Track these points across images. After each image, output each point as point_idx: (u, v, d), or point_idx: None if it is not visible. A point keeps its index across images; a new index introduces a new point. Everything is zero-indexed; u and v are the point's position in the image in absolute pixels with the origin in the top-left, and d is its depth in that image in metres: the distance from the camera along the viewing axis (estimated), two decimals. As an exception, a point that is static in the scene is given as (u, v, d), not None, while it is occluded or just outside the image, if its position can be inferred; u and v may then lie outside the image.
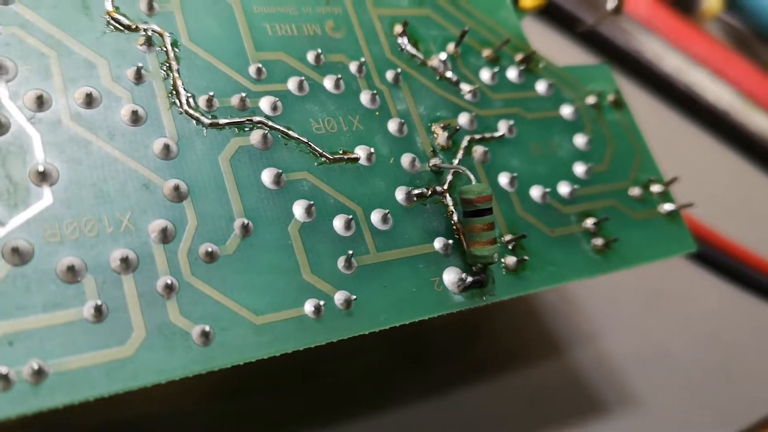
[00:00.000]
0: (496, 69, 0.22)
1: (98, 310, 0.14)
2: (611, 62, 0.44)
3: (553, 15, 0.43)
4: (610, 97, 0.24)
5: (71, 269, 0.14)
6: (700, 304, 0.34)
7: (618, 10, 0.26)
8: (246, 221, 0.16)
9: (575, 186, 0.21)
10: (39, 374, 0.13)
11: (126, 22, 0.17)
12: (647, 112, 0.42)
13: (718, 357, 0.32)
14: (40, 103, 0.15)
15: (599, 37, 0.44)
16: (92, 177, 0.15)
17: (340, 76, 0.19)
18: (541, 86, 0.23)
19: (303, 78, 0.19)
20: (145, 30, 0.17)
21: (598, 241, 0.21)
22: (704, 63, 0.45)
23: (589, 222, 0.21)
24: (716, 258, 0.35)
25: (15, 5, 0.16)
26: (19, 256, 0.14)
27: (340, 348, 0.18)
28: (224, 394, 0.21)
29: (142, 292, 0.15)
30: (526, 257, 0.19)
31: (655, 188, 0.23)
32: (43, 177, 0.15)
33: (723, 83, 0.45)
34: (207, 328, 0.15)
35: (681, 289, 0.35)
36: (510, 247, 0.19)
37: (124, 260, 0.15)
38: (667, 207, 0.23)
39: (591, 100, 0.24)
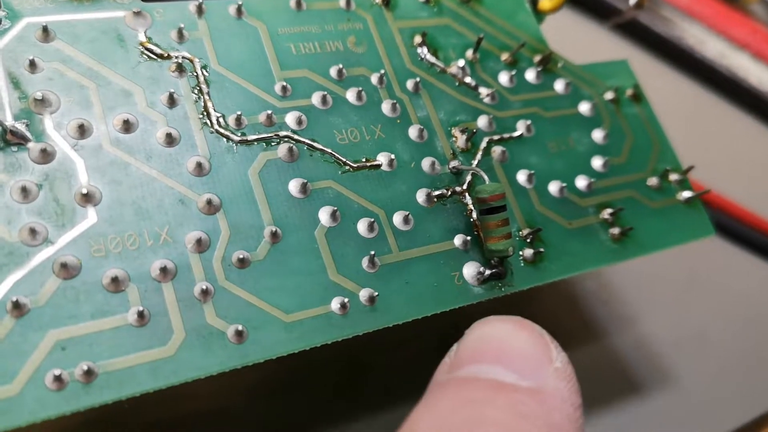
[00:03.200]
0: (514, 72, 0.22)
1: (141, 315, 0.15)
2: (652, 51, 0.44)
3: (590, 6, 0.43)
4: (629, 92, 0.24)
5: (115, 280, 0.15)
6: (739, 286, 0.34)
7: (640, 5, 0.26)
8: (275, 229, 0.17)
9: (592, 179, 0.21)
10: (89, 374, 0.14)
11: (158, 51, 0.18)
12: (690, 98, 0.42)
13: (755, 338, 0.32)
14: (82, 131, 0.16)
15: (639, 27, 0.44)
16: (132, 196, 0.16)
17: (361, 88, 0.20)
18: (559, 85, 0.23)
19: (326, 92, 0.19)
20: (176, 57, 0.18)
21: (615, 231, 0.21)
22: (747, 47, 0.44)
23: (606, 213, 0.21)
24: (757, 239, 0.35)
25: (55, 42, 0.17)
26: (68, 271, 0.15)
27: (380, 342, 0.19)
28: (269, 390, 0.22)
29: (180, 298, 0.16)
30: (542, 249, 0.19)
31: (674, 177, 0.23)
32: (87, 198, 0.16)
33: (766, 66, 0.44)
34: (240, 328, 0.16)
35: (720, 270, 0.34)
36: (528, 240, 0.20)
37: (164, 270, 0.16)
38: (686, 194, 0.23)
39: (609, 95, 0.24)
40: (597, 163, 0.22)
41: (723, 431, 0.29)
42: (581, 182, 0.21)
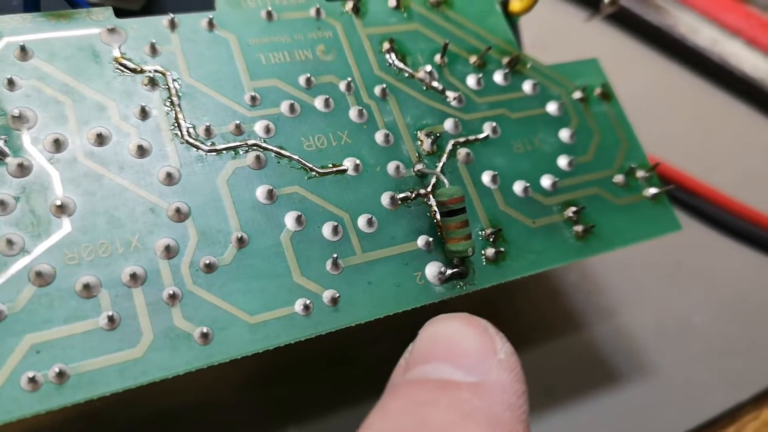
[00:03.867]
0: (482, 74, 0.23)
1: (111, 319, 0.16)
2: (643, 39, 0.44)
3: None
4: (598, 90, 0.25)
5: (87, 286, 0.16)
6: (723, 273, 0.34)
7: (614, 2, 0.27)
8: (241, 234, 0.18)
9: (557, 178, 0.22)
10: (61, 376, 0.15)
11: (131, 65, 0.19)
12: (682, 86, 0.42)
13: (741, 325, 0.32)
14: (58, 145, 0.17)
15: (630, 15, 0.44)
16: (105, 206, 0.17)
17: (329, 95, 0.21)
18: (527, 86, 0.24)
19: (294, 101, 0.20)
20: (149, 71, 0.19)
21: (579, 228, 0.22)
22: (740, 33, 0.45)
23: (570, 211, 0.22)
24: (742, 227, 0.35)
25: (33, 60, 0.18)
26: (43, 279, 0.16)
27: (363, 336, 0.20)
28: (256, 382, 0.23)
29: (149, 302, 0.17)
30: (502, 249, 0.20)
31: (640, 173, 0.24)
32: (62, 209, 0.17)
33: (759, 52, 0.44)
34: (206, 330, 0.17)
35: (704, 258, 0.34)
36: (490, 240, 0.21)
37: (134, 276, 0.17)
38: (652, 191, 0.24)
39: (577, 94, 0.24)
40: (563, 162, 0.23)
41: (703, 419, 0.29)
42: (546, 181, 0.22)
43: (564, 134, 0.23)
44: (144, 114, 0.18)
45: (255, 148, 0.19)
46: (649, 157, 0.24)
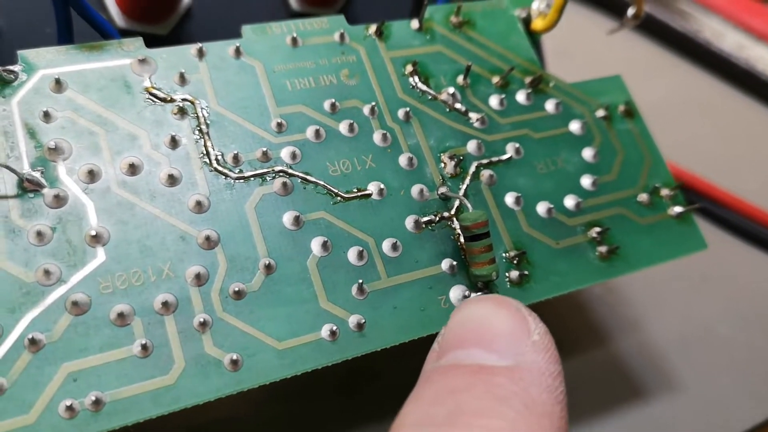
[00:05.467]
0: (504, 95, 0.23)
1: (145, 347, 0.17)
2: (668, 45, 0.44)
3: (607, 5, 0.44)
4: (622, 108, 0.25)
5: (121, 315, 0.17)
6: (748, 283, 0.34)
7: (637, 15, 0.27)
8: (269, 261, 0.18)
9: (581, 199, 0.22)
10: (97, 403, 0.16)
11: (161, 95, 0.19)
12: (708, 92, 0.42)
13: (764, 340, 0.32)
14: (92, 175, 0.18)
15: (655, 22, 0.44)
16: (137, 234, 0.18)
17: (353, 120, 0.21)
18: (550, 105, 0.24)
19: (320, 126, 0.21)
20: (178, 100, 0.20)
21: (603, 249, 0.22)
22: (766, 38, 0.44)
23: (594, 231, 0.22)
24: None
25: (68, 91, 0.19)
26: (79, 308, 0.16)
27: (386, 352, 0.20)
28: (277, 398, 0.24)
29: (181, 329, 0.17)
30: (526, 272, 0.21)
31: (665, 192, 0.24)
32: (97, 239, 0.17)
33: (787, 57, 0.44)
34: (235, 356, 0.17)
35: (730, 269, 0.34)
36: (514, 262, 0.21)
37: (165, 304, 0.17)
38: (677, 209, 0.24)
39: (601, 113, 0.25)
40: (586, 181, 0.23)
41: (730, 434, 0.29)
42: (570, 202, 0.22)
43: (587, 153, 0.23)
44: (174, 143, 0.19)
45: (281, 174, 0.19)
46: (674, 165, 0.24)
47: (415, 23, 0.23)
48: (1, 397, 0.15)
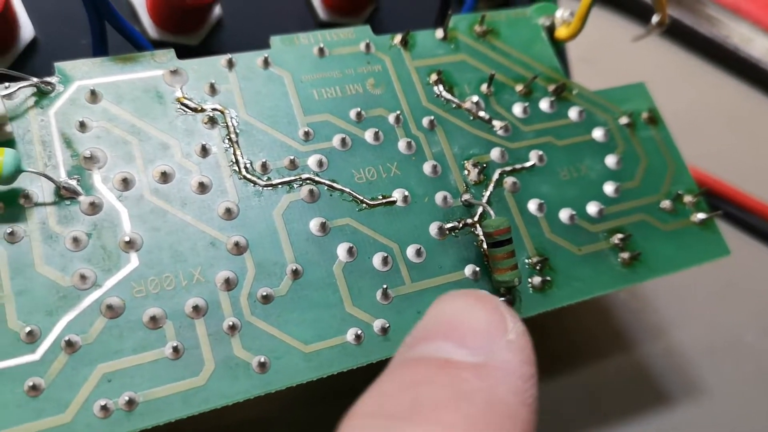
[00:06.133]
0: (528, 103, 0.24)
1: (176, 349, 0.17)
2: (696, 51, 0.44)
3: (632, 9, 0.44)
4: (645, 115, 0.25)
5: (154, 318, 0.17)
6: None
7: (661, 23, 0.27)
8: (296, 266, 0.19)
9: (603, 205, 0.23)
10: (131, 404, 0.16)
11: (192, 105, 0.20)
12: (736, 98, 0.42)
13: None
14: (126, 183, 0.18)
15: (683, 27, 0.44)
16: (169, 240, 0.18)
17: (378, 129, 0.21)
18: (573, 113, 0.24)
19: (346, 135, 0.21)
20: (208, 110, 0.20)
21: (625, 255, 0.22)
22: (796, 43, 0.44)
23: (617, 238, 0.22)
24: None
25: (102, 102, 0.19)
26: (113, 311, 0.17)
27: None
28: (303, 401, 0.24)
29: (211, 333, 0.18)
30: (549, 277, 0.21)
31: (688, 198, 0.24)
32: (130, 245, 0.18)
33: (816, 62, 0.44)
34: (263, 359, 0.18)
35: (756, 275, 0.34)
36: (537, 268, 0.21)
37: (196, 308, 0.18)
38: (700, 216, 0.24)
39: (624, 120, 0.25)
40: (609, 188, 0.23)
41: (755, 440, 0.29)
42: (592, 208, 0.23)
43: (610, 160, 0.24)
44: (204, 151, 0.19)
45: (308, 182, 0.20)
46: (698, 170, 0.24)
47: (439, 32, 0.24)
48: (38, 397, 0.16)
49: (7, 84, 0.18)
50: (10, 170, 0.17)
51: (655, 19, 0.27)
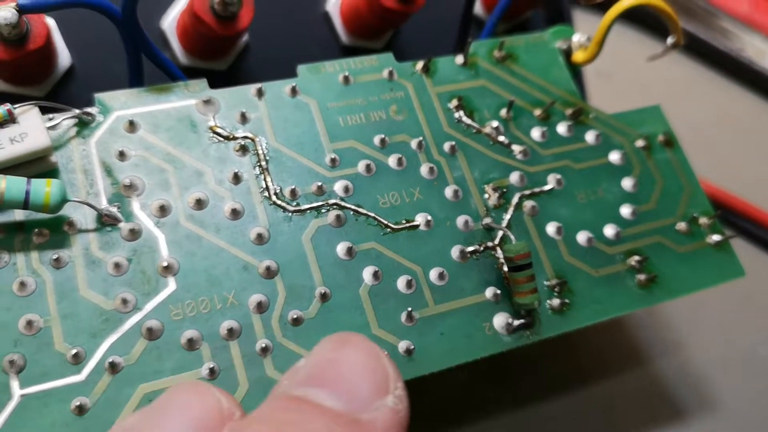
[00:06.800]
0: (546, 127, 0.25)
1: (212, 371, 0.18)
2: (710, 64, 0.45)
3: (650, 24, 0.45)
4: (661, 137, 0.26)
5: (191, 340, 0.18)
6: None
7: (677, 44, 0.28)
8: (324, 289, 0.20)
9: (620, 228, 0.24)
10: (171, 422, 0.18)
11: (224, 133, 0.21)
12: (752, 112, 0.43)
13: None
14: (163, 210, 0.20)
15: (696, 41, 0.45)
16: (204, 265, 0.20)
17: (402, 154, 0.23)
18: (590, 136, 0.25)
19: (370, 161, 0.22)
20: (240, 138, 0.21)
21: (642, 277, 0.23)
22: (811, 57, 0.45)
23: (634, 260, 0.23)
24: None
25: (140, 131, 0.21)
26: (153, 333, 0.18)
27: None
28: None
29: (244, 354, 0.19)
30: (567, 300, 0.22)
31: (703, 220, 0.25)
32: (168, 269, 0.19)
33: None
34: (294, 380, 0.19)
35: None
36: (555, 290, 0.22)
37: (231, 330, 0.19)
38: (715, 238, 0.25)
39: (640, 143, 0.26)
40: (626, 211, 0.24)
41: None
42: (609, 231, 0.24)
43: (627, 183, 0.25)
44: (237, 179, 0.21)
45: (335, 207, 0.21)
46: (713, 186, 0.25)
47: (460, 58, 0.25)
48: (84, 416, 0.17)
49: (51, 116, 0.19)
50: (57, 200, 0.18)
51: (670, 40, 0.28)
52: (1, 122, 0.18)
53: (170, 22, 0.25)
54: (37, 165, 0.19)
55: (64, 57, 0.24)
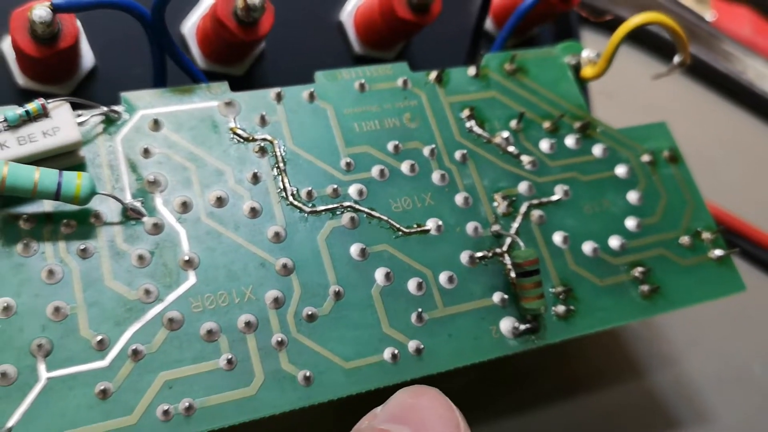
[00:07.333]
0: (555, 139, 0.26)
1: (230, 361, 0.19)
2: (711, 85, 0.46)
3: (651, 44, 0.46)
4: (666, 153, 0.28)
5: (210, 332, 0.19)
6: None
7: (683, 63, 0.29)
8: (338, 288, 0.21)
9: (625, 240, 0.25)
10: (189, 409, 0.19)
11: (244, 135, 0.22)
12: (751, 134, 0.44)
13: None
14: (185, 206, 0.21)
15: (698, 62, 0.46)
16: (223, 260, 0.21)
17: (414, 161, 0.24)
18: (597, 150, 0.27)
19: (384, 166, 0.23)
20: (259, 140, 0.22)
21: (645, 288, 0.24)
22: (812, 80, 0.46)
23: (638, 271, 0.24)
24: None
25: (163, 130, 0.22)
26: (174, 324, 0.19)
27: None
28: (331, 413, 0.26)
29: (261, 347, 0.20)
30: (572, 307, 0.23)
31: (706, 235, 0.26)
32: (189, 263, 0.20)
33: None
34: (308, 373, 0.20)
35: (766, 310, 0.36)
36: (561, 297, 0.23)
37: (248, 324, 0.20)
38: (717, 252, 0.26)
39: (646, 157, 0.27)
40: (631, 223, 0.25)
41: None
42: (614, 242, 0.25)
43: (632, 196, 0.26)
44: (256, 179, 0.22)
45: (349, 209, 0.22)
46: (716, 207, 0.27)
47: (472, 70, 0.26)
48: (107, 400, 0.18)
49: (80, 112, 0.21)
50: (87, 192, 0.19)
51: (677, 58, 0.29)
52: (36, 116, 0.19)
53: (190, 27, 0.26)
54: (65, 159, 0.20)
55: (87, 57, 0.25)
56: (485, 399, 0.30)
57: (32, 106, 0.19)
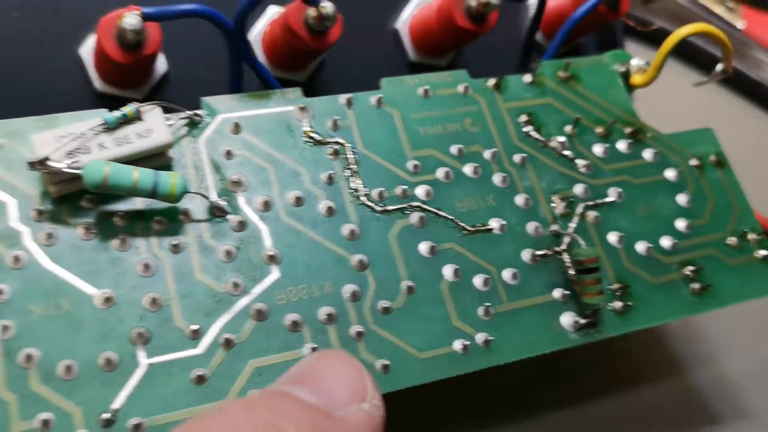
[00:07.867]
0: (607, 144, 0.27)
1: (314, 350, 0.21)
2: (743, 94, 0.47)
3: (692, 57, 0.47)
4: (713, 158, 0.29)
5: (294, 323, 0.21)
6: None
7: (726, 71, 0.30)
8: (410, 283, 0.23)
9: (676, 240, 0.26)
10: (278, 395, 0.20)
11: (318, 138, 0.24)
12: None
13: None
14: (266, 205, 0.22)
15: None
16: (303, 256, 0.22)
17: (477, 164, 0.25)
18: (647, 154, 0.28)
19: (448, 168, 0.25)
20: (332, 143, 0.24)
21: (696, 286, 0.26)
22: None
23: (688, 269, 0.26)
24: None
25: (243, 133, 0.23)
26: (261, 315, 0.21)
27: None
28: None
29: (341, 337, 0.21)
30: (630, 303, 0.24)
31: (752, 236, 0.28)
32: (272, 259, 0.22)
33: None
34: (386, 362, 0.21)
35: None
36: (618, 294, 0.25)
37: (329, 315, 0.21)
38: (763, 253, 0.27)
39: (694, 162, 0.28)
40: (681, 224, 0.27)
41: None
42: (666, 242, 0.26)
43: (681, 199, 0.27)
44: (330, 180, 0.23)
45: (417, 209, 0.24)
46: (759, 216, 0.28)
47: (528, 77, 0.28)
48: (203, 385, 0.20)
49: (168, 115, 0.22)
50: (180, 191, 0.21)
51: (719, 67, 0.30)
52: (131, 119, 0.21)
53: (256, 34, 0.28)
54: (156, 159, 0.22)
55: (161, 63, 0.26)
56: (535, 394, 0.31)
57: (128, 109, 0.21)
